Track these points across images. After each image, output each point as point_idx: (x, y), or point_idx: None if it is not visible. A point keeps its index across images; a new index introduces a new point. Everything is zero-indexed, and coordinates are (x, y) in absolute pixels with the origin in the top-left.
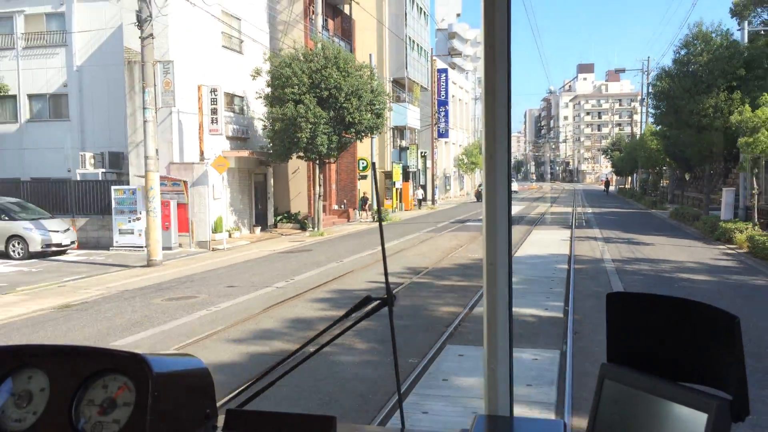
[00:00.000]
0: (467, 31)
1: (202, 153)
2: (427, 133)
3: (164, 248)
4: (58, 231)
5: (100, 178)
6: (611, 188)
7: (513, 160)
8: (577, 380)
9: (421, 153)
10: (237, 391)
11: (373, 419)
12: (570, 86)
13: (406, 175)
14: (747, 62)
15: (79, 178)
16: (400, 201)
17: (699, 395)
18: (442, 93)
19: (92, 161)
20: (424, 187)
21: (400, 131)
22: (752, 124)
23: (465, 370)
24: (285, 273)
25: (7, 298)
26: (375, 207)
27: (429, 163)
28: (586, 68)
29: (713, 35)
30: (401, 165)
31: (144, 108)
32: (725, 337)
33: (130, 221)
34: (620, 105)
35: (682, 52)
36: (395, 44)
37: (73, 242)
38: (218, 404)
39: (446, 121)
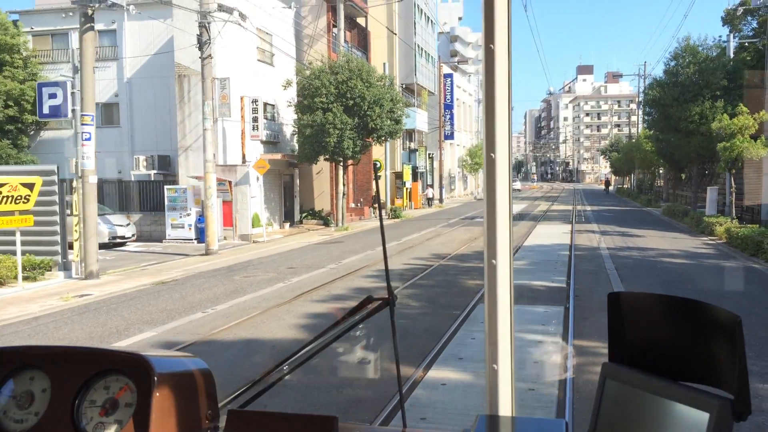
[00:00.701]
0: (469, 34)
1: (244, 156)
2: (433, 135)
3: None
4: (121, 225)
5: (152, 179)
6: (611, 188)
7: (514, 161)
8: (578, 322)
9: (429, 154)
10: (239, 392)
11: (375, 419)
12: (569, 87)
13: (414, 176)
14: (730, 74)
15: (133, 179)
16: (410, 200)
17: (700, 395)
18: (448, 97)
19: (145, 163)
20: (432, 186)
21: (409, 134)
22: (729, 130)
23: None
24: (331, 258)
25: (106, 278)
26: (386, 205)
27: (436, 164)
28: (585, 70)
29: (700, 48)
30: (411, 166)
31: (204, 118)
32: (726, 337)
33: (181, 217)
34: (619, 106)
35: (672, 64)
36: (405, 51)
37: (133, 235)
38: (220, 405)
39: (451, 124)
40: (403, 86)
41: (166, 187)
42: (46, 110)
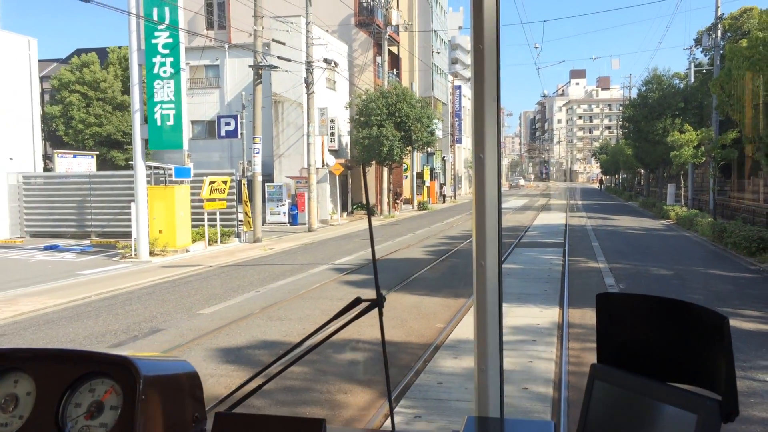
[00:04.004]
0: (468, 43)
1: (323, 161)
2: (444, 139)
3: (300, 223)
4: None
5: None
6: (603, 186)
7: (509, 161)
8: (570, 254)
9: (443, 157)
10: (225, 395)
11: (365, 422)
12: (563, 91)
13: (431, 176)
14: (686, 97)
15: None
16: (428, 196)
17: (688, 395)
18: (456, 106)
19: (247, 166)
20: (444, 185)
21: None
22: (679, 143)
23: (532, 256)
24: (403, 231)
25: (265, 242)
26: (412, 200)
27: (448, 166)
28: (578, 74)
29: (663, 77)
30: (429, 167)
31: (308, 135)
32: (714, 337)
33: (277, 206)
34: (609, 109)
35: (643, 89)
36: (423, 70)
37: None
38: (207, 408)
39: (459, 130)
40: (429, 103)
41: (266, 184)
42: (222, 133)
